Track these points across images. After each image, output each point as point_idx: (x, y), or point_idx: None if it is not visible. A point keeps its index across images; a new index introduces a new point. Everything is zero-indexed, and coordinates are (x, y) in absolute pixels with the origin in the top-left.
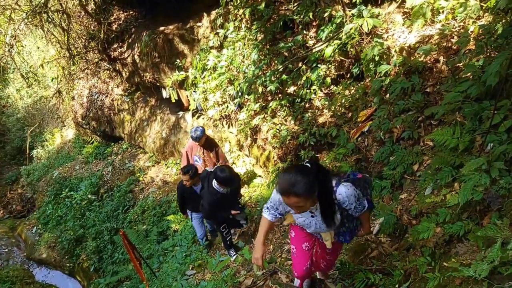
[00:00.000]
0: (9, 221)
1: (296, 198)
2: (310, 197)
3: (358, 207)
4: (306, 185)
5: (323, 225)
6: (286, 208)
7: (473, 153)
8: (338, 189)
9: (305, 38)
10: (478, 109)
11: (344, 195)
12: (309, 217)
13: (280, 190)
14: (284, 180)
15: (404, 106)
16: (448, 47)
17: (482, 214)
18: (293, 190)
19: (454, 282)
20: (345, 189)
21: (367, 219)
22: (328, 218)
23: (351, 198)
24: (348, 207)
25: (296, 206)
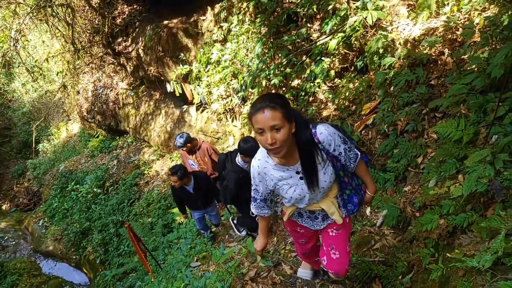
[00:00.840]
0: (16, 214)
1: (272, 111)
2: (287, 118)
3: (349, 153)
4: (282, 100)
5: (316, 188)
6: (266, 179)
7: (478, 145)
8: (317, 128)
9: (309, 31)
10: (483, 101)
11: (326, 133)
12: (298, 181)
13: (252, 110)
14: (256, 100)
15: (408, 99)
16: (453, 39)
17: (486, 205)
18: (268, 103)
19: (458, 273)
20: (325, 127)
21: (367, 173)
22: (312, 169)
23: (335, 137)
24: (337, 151)
25: (271, 131)
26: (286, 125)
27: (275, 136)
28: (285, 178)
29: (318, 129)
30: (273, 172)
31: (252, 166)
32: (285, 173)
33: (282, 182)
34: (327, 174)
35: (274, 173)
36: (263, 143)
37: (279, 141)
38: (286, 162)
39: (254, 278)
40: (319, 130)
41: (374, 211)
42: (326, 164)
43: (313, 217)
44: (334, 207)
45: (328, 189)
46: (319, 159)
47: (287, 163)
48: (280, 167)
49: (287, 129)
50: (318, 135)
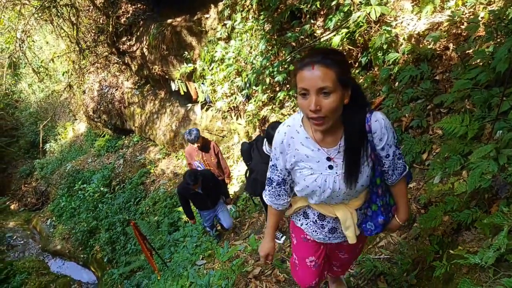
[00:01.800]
0: (24, 214)
1: (324, 69)
2: (343, 82)
3: (398, 161)
4: (341, 57)
5: (342, 184)
6: (288, 152)
7: (482, 141)
8: (373, 114)
9: (312, 28)
10: (488, 96)
11: (382, 123)
12: (325, 170)
13: (299, 64)
14: (307, 53)
15: (412, 95)
16: (457, 33)
17: (490, 201)
18: (322, 58)
19: (461, 270)
20: (382, 116)
21: (405, 195)
22: (356, 160)
23: (390, 134)
24: (385, 151)
25: (318, 94)
26: (339, 90)
27: (321, 101)
28: (310, 160)
29: (374, 115)
30: (299, 147)
31: (278, 132)
32: (314, 153)
33: (304, 163)
34: (364, 174)
35: (300, 148)
36: (304, 108)
37: (325, 109)
38: (322, 139)
39: (258, 276)
40: (375, 116)
41: None
42: (367, 161)
43: (319, 224)
44: (352, 221)
45: (357, 193)
46: (363, 151)
47: (322, 141)
48: (312, 143)
49: (339, 96)
50: (372, 122)
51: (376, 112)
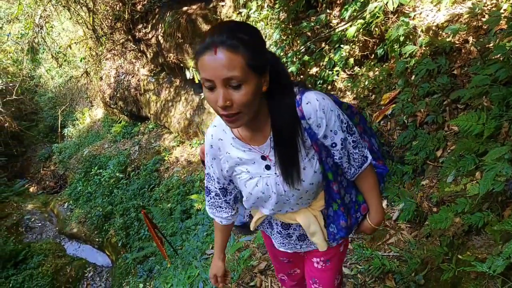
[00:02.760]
0: (42, 197)
1: (230, 54)
2: (256, 67)
3: (353, 150)
4: (251, 35)
5: (286, 186)
6: (221, 157)
7: (499, 140)
8: (304, 95)
9: (328, 17)
10: (506, 93)
11: (315, 105)
12: (263, 171)
13: (199, 47)
14: (209, 30)
15: (429, 89)
16: (478, 26)
17: (504, 205)
18: (226, 37)
19: (470, 275)
20: (318, 96)
21: (375, 191)
22: (290, 155)
23: (331, 117)
24: (329, 139)
25: (225, 86)
26: (252, 79)
27: (231, 95)
28: (245, 162)
29: (306, 96)
30: (230, 149)
31: (206, 136)
32: (246, 154)
33: (240, 167)
34: (310, 170)
35: (231, 151)
36: (212, 104)
37: (237, 105)
38: (250, 137)
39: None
40: (307, 97)
41: (391, 204)
42: (310, 154)
43: (285, 233)
44: (317, 225)
45: (310, 194)
46: (300, 143)
47: (251, 139)
48: (240, 143)
49: (253, 86)
50: (303, 105)
51: (309, 92)
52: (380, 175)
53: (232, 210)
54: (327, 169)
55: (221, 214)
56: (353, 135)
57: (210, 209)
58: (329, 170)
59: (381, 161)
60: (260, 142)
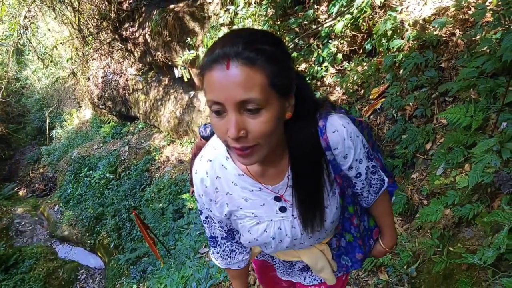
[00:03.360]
0: (32, 200)
1: (249, 69)
2: (280, 88)
3: (372, 176)
4: (274, 46)
5: (301, 228)
6: (218, 199)
7: (487, 132)
8: (329, 121)
9: (316, 13)
10: (493, 85)
11: (343, 133)
12: (276, 215)
13: (206, 59)
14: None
15: (417, 83)
16: (464, 19)
17: (493, 196)
18: (242, 48)
19: (461, 266)
20: (343, 121)
21: (389, 214)
22: (315, 197)
23: (358, 144)
24: (354, 170)
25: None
26: (274, 102)
27: (246, 123)
28: (252, 204)
29: (331, 122)
30: (232, 189)
31: (196, 172)
32: (254, 195)
33: (244, 211)
34: (333, 207)
35: (233, 191)
36: (220, 133)
37: (253, 135)
38: (261, 173)
39: None
40: (332, 124)
41: None
42: (333, 189)
43: (287, 265)
44: (325, 261)
45: (328, 233)
46: (325, 179)
47: (262, 176)
48: (249, 181)
49: (276, 112)
50: (329, 134)
51: (333, 116)
52: (390, 193)
53: (247, 249)
54: (348, 202)
55: (237, 258)
56: (372, 160)
57: (222, 260)
58: (350, 204)
59: (391, 178)
60: (273, 180)
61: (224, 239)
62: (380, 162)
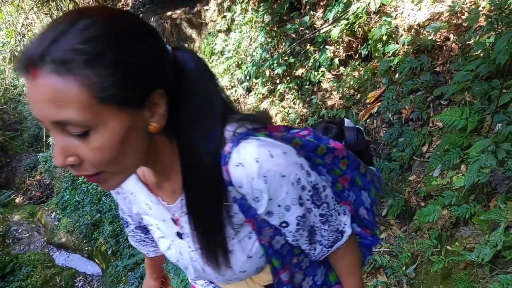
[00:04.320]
0: (29, 207)
1: (59, 79)
2: (118, 97)
3: (323, 225)
4: (116, 36)
5: (207, 266)
6: (125, 195)
7: (482, 134)
8: (238, 148)
9: (312, 19)
10: (488, 88)
11: (250, 169)
12: (175, 237)
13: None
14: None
15: (413, 87)
16: (458, 24)
17: (489, 196)
18: (53, 50)
19: (459, 265)
20: (258, 153)
21: (354, 273)
22: (209, 238)
23: (278, 184)
24: (274, 215)
25: (60, 132)
26: (111, 119)
27: (77, 148)
28: (155, 216)
29: (239, 150)
30: (134, 189)
31: None
32: (154, 205)
33: (149, 218)
34: (240, 255)
35: (137, 192)
36: None
37: (91, 163)
38: (157, 185)
39: None
40: (240, 154)
41: (380, 201)
42: (243, 233)
43: None
44: None
45: (249, 274)
46: (224, 217)
47: (159, 188)
48: (144, 189)
49: (117, 131)
50: (230, 168)
51: (249, 142)
52: (367, 247)
53: (155, 248)
54: (272, 254)
55: (146, 248)
56: (321, 206)
57: (132, 239)
58: (274, 256)
59: (370, 230)
60: (169, 197)
61: (138, 229)
62: (353, 207)
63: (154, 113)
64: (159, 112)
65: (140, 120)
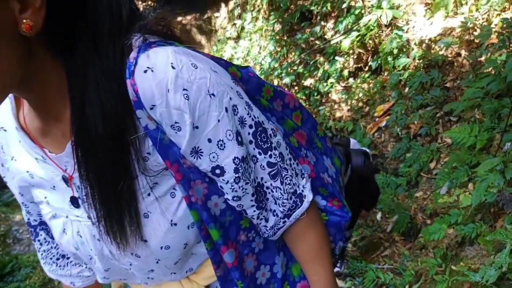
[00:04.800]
0: None
1: None
2: None
3: (273, 180)
4: None
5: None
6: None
7: (491, 152)
8: (147, 53)
9: (323, 30)
10: (498, 106)
11: (163, 77)
12: (70, 212)
13: None
14: None
15: (422, 101)
16: (470, 40)
17: (496, 216)
18: None
19: (463, 286)
20: (174, 58)
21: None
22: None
23: (204, 99)
24: (204, 156)
25: None
26: None
27: None
28: (40, 183)
29: (149, 54)
30: (16, 152)
31: None
32: (40, 165)
33: (36, 191)
34: (160, 220)
35: (18, 156)
36: None
37: None
38: (42, 132)
39: None
40: (149, 58)
41: (385, 216)
42: (162, 187)
43: None
44: None
45: (170, 265)
46: (133, 160)
47: (45, 135)
48: (27, 140)
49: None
50: (137, 76)
51: (159, 47)
52: (336, 226)
53: (80, 266)
54: (208, 219)
55: (69, 269)
56: (269, 152)
57: (46, 264)
58: (211, 223)
59: (337, 200)
60: (58, 145)
61: (46, 234)
62: (315, 169)
63: (26, 5)
64: (34, 3)
65: (5, 14)
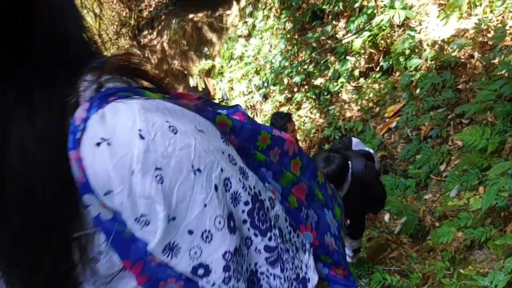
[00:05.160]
0: None
1: None
2: None
3: (272, 267)
4: None
5: None
6: None
7: (503, 156)
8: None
9: (334, 29)
10: (510, 109)
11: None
12: None
13: None
14: None
15: (433, 103)
16: (484, 42)
17: (506, 220)
18: None
19: None
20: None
21: None
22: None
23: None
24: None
25: None
26: None
27: None
28: None
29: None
30: None
31: None
32: None
33: None
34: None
35: None
36: None
37: None
38: None
39: None
40: (104, 122)
41: (393, 218)
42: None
43: None
44: None
45: None
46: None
47: None
48: None
49: None
50: (84, 152)
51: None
52: None
53: None
54: None
55: None
56: (269, 232)
57: None
58: None
59: (342, 269)
60: None
61: None
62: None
63: None
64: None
65: None
